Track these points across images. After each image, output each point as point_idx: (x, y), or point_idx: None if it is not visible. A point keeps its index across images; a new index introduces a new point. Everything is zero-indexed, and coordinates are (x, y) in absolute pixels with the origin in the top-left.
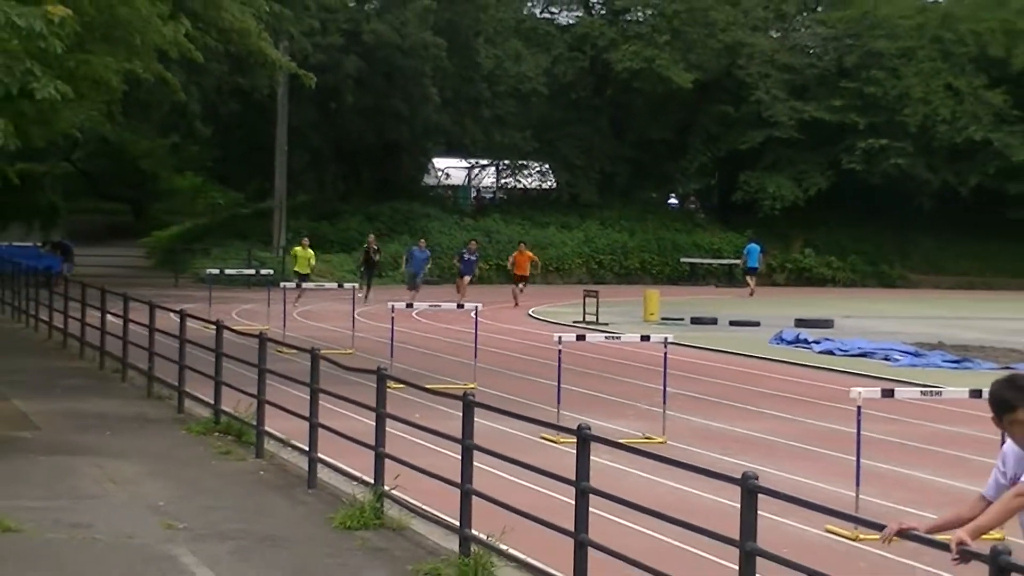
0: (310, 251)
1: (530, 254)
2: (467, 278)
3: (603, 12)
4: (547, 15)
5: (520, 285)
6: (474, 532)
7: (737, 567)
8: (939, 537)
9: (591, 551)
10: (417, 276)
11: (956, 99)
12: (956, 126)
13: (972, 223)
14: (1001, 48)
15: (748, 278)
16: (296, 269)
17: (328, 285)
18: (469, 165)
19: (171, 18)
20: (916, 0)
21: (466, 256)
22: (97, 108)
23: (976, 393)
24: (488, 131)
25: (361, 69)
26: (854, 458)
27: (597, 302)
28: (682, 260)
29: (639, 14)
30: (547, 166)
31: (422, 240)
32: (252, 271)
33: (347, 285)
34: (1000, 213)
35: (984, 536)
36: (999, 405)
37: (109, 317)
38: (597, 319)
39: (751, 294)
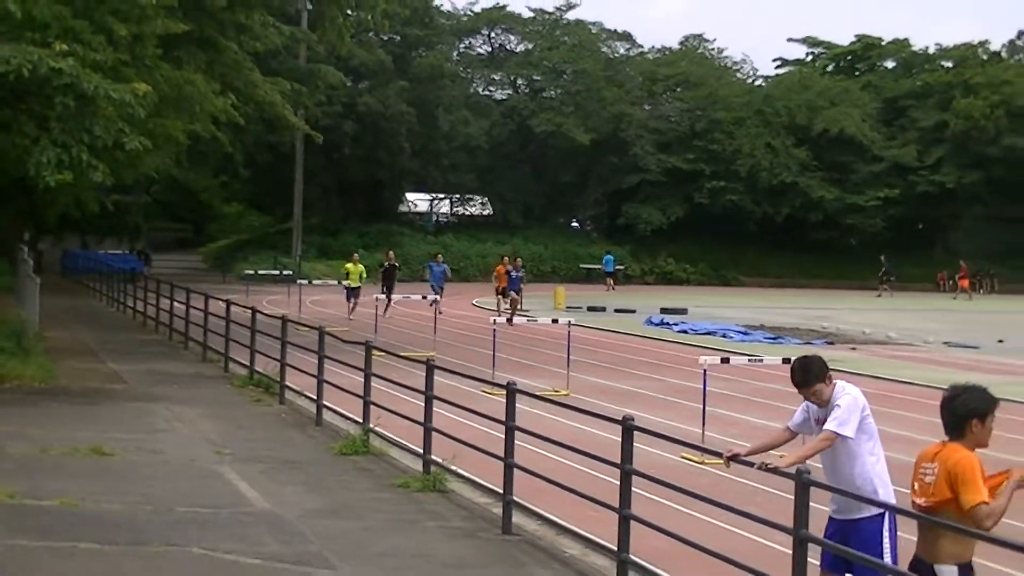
0: (360, 266)
1: (509, 265)
2: (512, 293)
3: (526, 91)
4: (487, 92)
5: (503, 297)
6: (433, 457)
7: (618, 483)
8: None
9: (516, 472)
10: (437, 284)
11: (772, 154)
12: (773, 172)
13: (784, 240)
14: (805, 118)
15: (607, 279)
16: (347, 283)
17: (330, 282)
18: (431, 198)
19: (221, 94)
20: (745, 84)
21: (512, 273)
22: (169, 156)
23: (786, 360)
24: (445, 174)
25: (355, 129)
26: (701, 406)
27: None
28: (581, 266)
29: (552, 92)
30: (486, 199)
31: (438, 255)
32: (277, 272)
33: (343, 283)
34: (804, 233)
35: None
36: (797, 382)
37: (175, 304)
38: (524, 310)
39: (609, 289)
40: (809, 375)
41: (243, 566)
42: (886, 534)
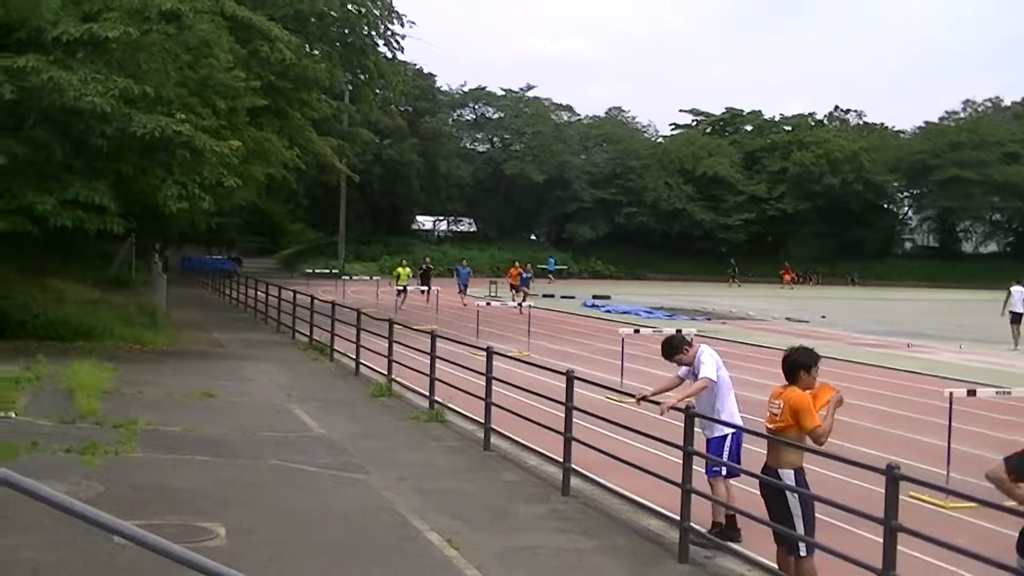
0: (407, 269)
1: (519, 269)
2: (524, 289)
3: (499, 145)
4: (472, 147)
5: (515, 292)
6: (436, 398)
7: (563, 416)
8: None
9: (493, 408)
10: (463, 282)
11: (669, 189)
12: (669, 202)
13: (677, 249)
14: (691, 164)
15: (549, 275)
16: (398, 285)
17: (364, 278)
18: (434, 219)
19: (289, 148)
20: (650, 140)
21: (523, 274)
22: (253, 191)
23: (679, 331)
24: (443, 202)
25: (381, 172)
26: (620, 363)
27: (496, 289)
28: (538, 266)
29: (517, 146)
30: (472, 219)
31: (463, 260)
32: (327, 271)
33: (375, 278)
34: (690, 244)
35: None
36: (664, 355)
37: (258, 293)
38: (496, 296)
39: (550, 282)
40: (671, 349)
41: (306, 472)
42: (726, 446)
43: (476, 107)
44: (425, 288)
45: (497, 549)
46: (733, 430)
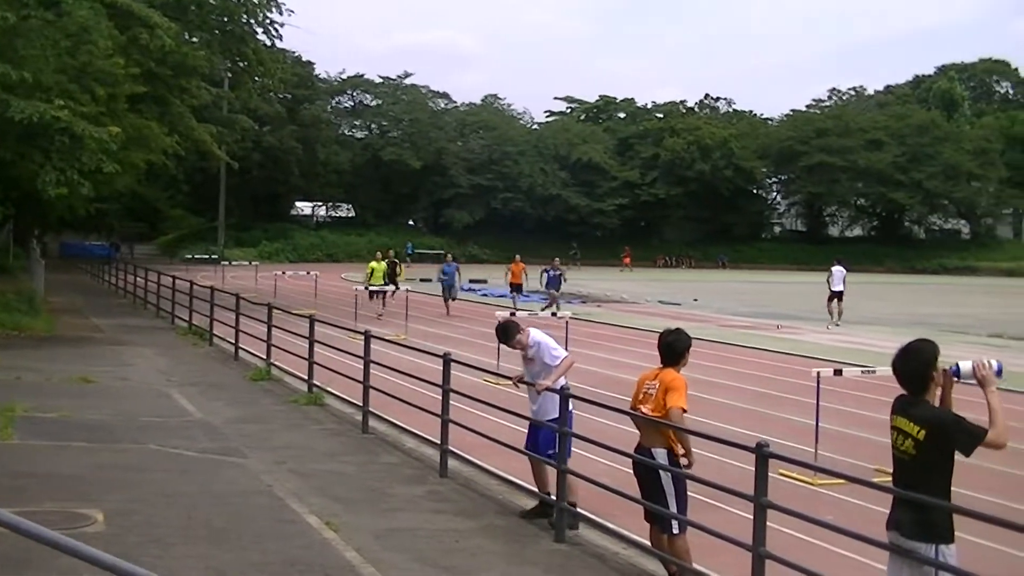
0: (383, 264)
1: (522, 264)
2: (553, 290)
3: (377, 132)
4: (351, 133)
5: (517, 291)
6: (314, 382)
7: (440, 398)
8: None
9: (372, 391)
10: (452, 287)
11: (544, 175)
12: (544, 187)
13: (552, 233)
14: (565, 151)
15: (407, 258)
16: (371, 284)
17: (244, 263)
18: (313, 204)
19: (169, 134)
20: (526, 127)
21: (550, 272)
22: (133, 177)
23: (554, 314)
24: (322, 188)
25: (260, 159)
26: (496, 346)
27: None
28: (416, 250)
29: (395, 133)
30: (351, 205)
31: (448, 255)
32: (207, 256)
33: (254, 263)
34: (565, 228)
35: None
36: (501, 341)
37: (137, 279)
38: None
39: (408, 266)
40: (508, 333)
41: (186, 456)
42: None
43: (354, 95)
44: (392, 283)
45: (376, 530)
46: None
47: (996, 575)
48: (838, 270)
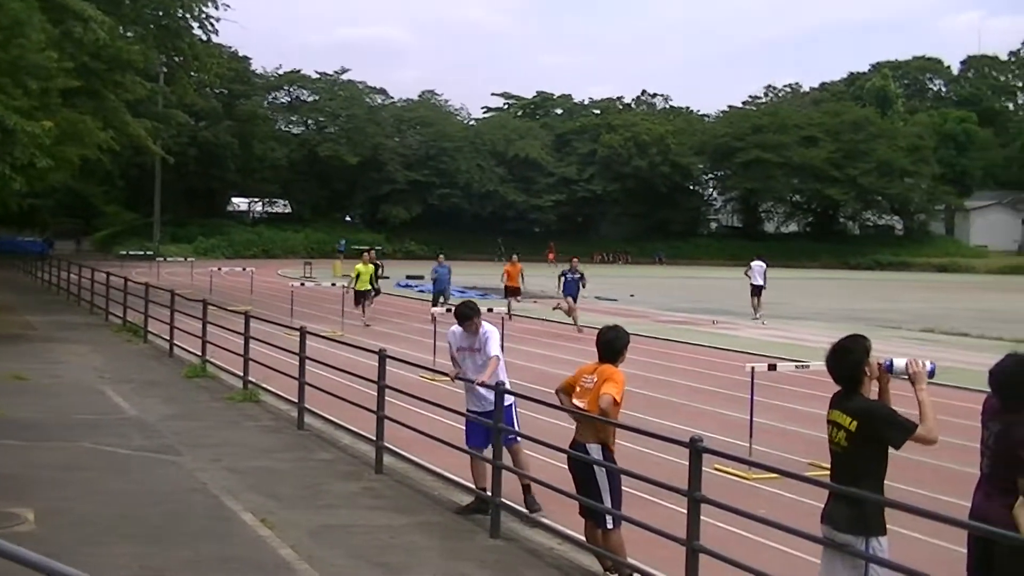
0: (371, 266)
1: (520, 266)
2: (570, 298)
3: (314, 128)
4: (287, 129)
5: (513, 295)
6: (250, 378)
7: (376, 395)
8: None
9: (307, 388)
10: (444, 291)
11: (481, 171)
12: (481, 184)
13: (489, 229)
14: (503, 147)
15: (340, 255)
16: (357, 287)
17: (179, 259)
18: (249, 200)
19: (104, 129)
20: (463, 123)
21: (568, 275)
22: (67, 172)
23: (489, 309)
24: (259, 184)
25: (196, 154)
26: (432, 341)
27: (311, 269)
28: (353, 247)
29: (331, 129)
30: (287, 201)
31: (440, 255)
32: (142, 252)
33: (190, 259)
34: (503, 224)
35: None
36: (464, 317)
37: (71, 275)
38: (311, 277)
39: (341, 261)
40: (469, 312)
41: (120, 454)
42: (515, 415)
43: (291, 90)
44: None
45: (311, 527)
46: (512, 399)
47: (926, 567)
48: (758, 265)
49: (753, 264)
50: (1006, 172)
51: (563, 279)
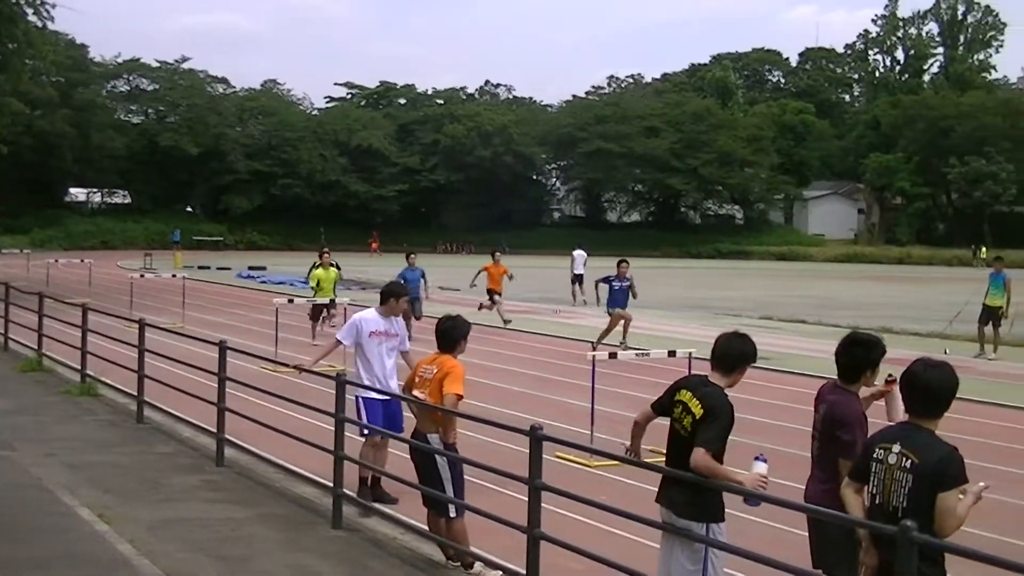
0: (334, 270)
1: (504, 267)
2: (618, 310)
3: (154, 117)
4: (127, 118)
5: (494, 298)
6: (88, 372)
7: (217, 387)
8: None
9: (147, 381)
10: (416, 300)
11: (324, 161)
12: (324, 174)
13: (333, 219)
14: (346, 137)
15: (175, 246)
16: (319, 297)
17: (15, 251)
18: (87, 191)
19: None
20: (306, 113)
21: (615, 283)
22: None
23: (332, 302)
24: (98, 174)
25: (33, 143)
26: (274, 333)
27: (152, 260)
28: (194, 238)
29: (172, 118)
30: (127, 191)
31: (411, 256)
32: None
33: (26, 251)
34: (346, 214)
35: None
36: (387, 296)
37: None
38: (151, 268)
39: (177, 252)
40: (394, 294)
41: None
42: (362, 405)
43: (131, 79)
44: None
45: (150, 521)
46: (361, 393)
47: (765, 550)
48: (579, 254)
49: (575, 253)
50: (842, 162)
51: (609, 287)
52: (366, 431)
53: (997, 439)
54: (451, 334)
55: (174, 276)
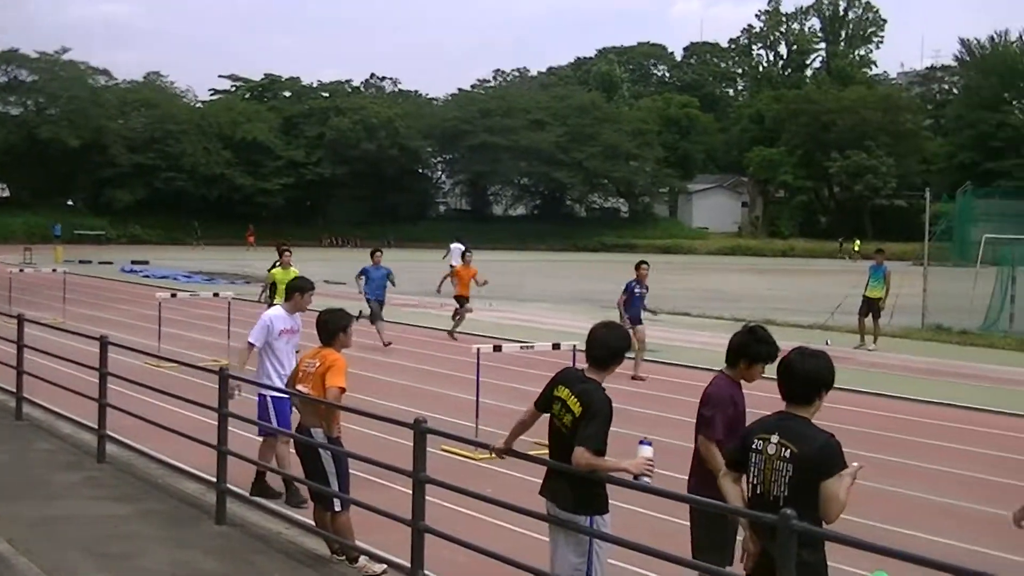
0: (294, 269)
1: (474, 269)
2: (639, 327)
3: (33, 109)
4: (4, 110)
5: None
6: (27, 396)
7: (97, 382)
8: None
9: (26, 376)
10: (379, 303)
11: (208, 154)
12: (208, 167)
13: (217, 213)
14: (230, 130)
15: (56, 242)
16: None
17: None
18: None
19: None
20: (190, 106)
21: (636, 289)
22: None
23: (216, 295)
24: None
25: None
26: (157, 327)
27: (32, 255)
28: (75, 232)
29: (52, 111)
30: (5, 185)
31: (376, 253)
32: None
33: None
34: (232, 208)
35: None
36: (295, 286)
37: None
38: (31, 262)
39: (59, 247)
40: (305, 287)
41: None
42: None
43: (8, 70)
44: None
45: (31, 520)
46: (262, 392)
47: (648, 539)
48: (456, 247)
49: (452, 246)
50: (726, 156)
51: (631, 294)
52: (266, 430)
53: (875, 428)
54: (328, 326)
55: (55, 271)
